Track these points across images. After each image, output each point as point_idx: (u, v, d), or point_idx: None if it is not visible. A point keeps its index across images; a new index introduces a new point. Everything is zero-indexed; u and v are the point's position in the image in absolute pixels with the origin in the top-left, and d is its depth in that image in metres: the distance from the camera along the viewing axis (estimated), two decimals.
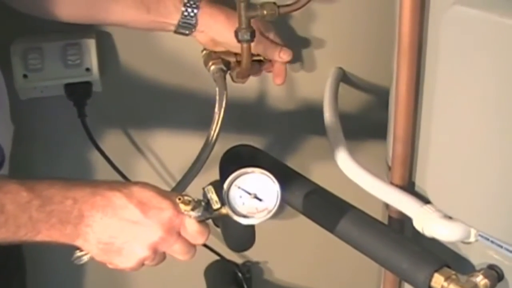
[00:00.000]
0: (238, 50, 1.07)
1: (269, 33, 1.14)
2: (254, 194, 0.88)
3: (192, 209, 0.85)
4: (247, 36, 1.03)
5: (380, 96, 1.33)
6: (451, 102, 0.88)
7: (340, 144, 1.13)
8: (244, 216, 0.88)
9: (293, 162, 1.26)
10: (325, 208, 1.08)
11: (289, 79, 1.33)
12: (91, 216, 0.83)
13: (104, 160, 1.28)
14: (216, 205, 0.88)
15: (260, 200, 0.88)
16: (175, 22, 1.07)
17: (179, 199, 0.85)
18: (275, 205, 0.88)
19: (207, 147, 1.06)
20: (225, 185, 0.88)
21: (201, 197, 0.88)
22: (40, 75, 1.20)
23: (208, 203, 0.88)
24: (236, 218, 0.88)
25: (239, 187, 0.88)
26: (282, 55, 1.14)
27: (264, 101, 1.35)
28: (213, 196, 0.88)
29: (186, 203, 0.85)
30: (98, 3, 1.06)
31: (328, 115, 1.20)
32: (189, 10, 1.07)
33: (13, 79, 1.18)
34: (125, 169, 1.30)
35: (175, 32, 1.09)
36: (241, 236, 1.26)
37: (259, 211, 0.88)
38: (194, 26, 1.08)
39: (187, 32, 1.09)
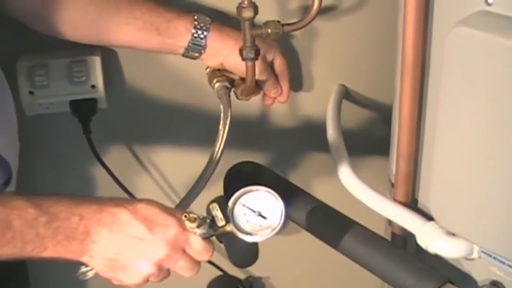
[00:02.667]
0: (244, 74, 1.08)
1: (280, 68, 1.16)
2: (259, 212, 0.89)
3: (198, 226, 0.86)
4: (251, 55, 1.03)
5: (382, 113, 1.34)
6: (454, 121, 0.89)
7: (343, 160, 1.14)
8: (248, 234, 0.89)
9: (296, 179, 1.26)
10: (329, 224, 1.08)
11: (292, 96, 1.33)
12: (97, 233, 0.84)
13: (109, 176, 1.28)
14: (221, 222, 0.88)
15: (264, 218, 0.89)
16: (185, 44, 1.08)
17: (185, 216, 0.85)
18: (279, 223, 0.89)
19: (212, 163, 1.06)
20: (230, 203, 0.89)
21: (204, 213, 0.89)
22: (46, 92, 1.21)
23: (213, 220, 0.88)
24: (240, 235, 0.89)
25: (243, 205, 0.89)
26: (280, 99, 1.18)
27: (267, 118, 1.36)
28: (218, 213, 0.89)
29: (192, 220, 0.86)
30: (109, 24, 1.06)
31: (331, 132, 1.21)
32: (199, 32, 1.07)
33: (19, 96, 1.19)
34: (130, 185, 1.31)
35: (184, 55, 1.09)
36: (245, 252, 1.26)
37: (263, 228, 0.89)
38: (203, 48, 1.08)
39: (196, 54, 1.09)
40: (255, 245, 1.22)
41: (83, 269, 0.88)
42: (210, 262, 1.39)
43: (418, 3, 0.90)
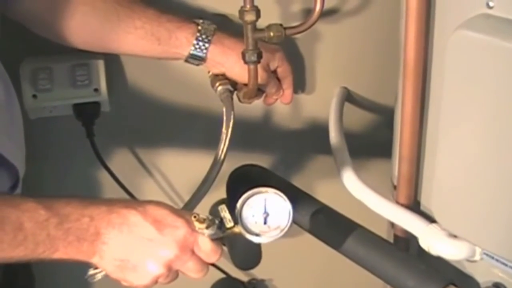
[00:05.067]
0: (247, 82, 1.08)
1: (283, 74, 1.17)
2: (267, 213, 0.90)
3: (207, 227, 0.86)
4: (254, 58, 1.03)
5: (384, 115, 1.34)
6: (456, 123, 0.89)
7: (346, 163, 1.14)
8: (256, 235, 0.89)
9: (299, 181, 1.27)
10: (331, 226, 1.08)
11: (295, 99, 1.33)
12: (107, 234, 0.84)
13: (112, 180, 1.29)
14: (229, 223, 0.89)
15: (272, 219, 0.90)
16: (186, 53, 1.09)
17: (194, 217, 0.86)
18: (287, 224, 0.89)
19: (215, 166, 1.06)
20: (238, 204, 0.89)
21: (208, 215, 0.89)
22: (49, 95, 1.21)
23: (221, 221, 0.89)
24: (248, 236, 0.89)
25: (251, 206, 0.89)
26: (283, 100, 1.19)
27: (270, 120, 1.36)
28: (226, 215, 0.89)
29: (201, 221, 0.86)
30: (110, 33, 1.07)
31: (333, 135, 1.21)
32: (201, 43, 1.08)
33: (23, 99, 1.19)
34: (133, 189, 1.31)
35: (185, 61, 1.10)
36: (248, 254, 1.26)
37: (271, 230, 0.89)
38: (203, 59, 1.09)
39: (196, 63, 1.10)
40: (258, 247, 1.22)
41: (92, 271, 0.88)
42: (213, 264, 1.39)
43: (419, 6, 0.91)
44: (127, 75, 1.27)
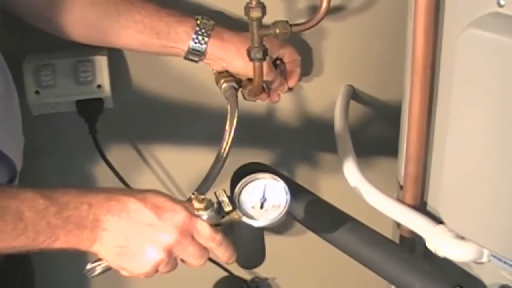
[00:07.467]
0: (250, 76, 1.08)
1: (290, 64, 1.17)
2: (265, 198, 0.90)
3: (205, 208, 0.87)
4: (259, 55, 1.02)
5: (390, 114, 1.33)
6: (465, 123, 0.89)
7: (351, 161, 1.13)
8: (255, 219, 0.90)
9: (303, 179, 1.26)
10: (336, 226, 1.08)
11: (300, 96, 1.33)
12: (106, 220, 0.84)
13: (115, 176, 1.28)
14: (227, 207, 0.89)
15: (270, 203, 0.91)
16: (185, 48, 1.08)
17: (193, 194, 0.87)
18: (284, 208, 0.90)
19: (218, 164, 1.06)
20: (236, 189, 0.90)
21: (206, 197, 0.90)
22: (52, 92, 1.20)
23: (220, 205, 0.89)
24: (246, 220, 0.89)
25: (249, 192, 0.90)
26: (290, 83, 1.18)
27: (274, 118, 1.36)
28: (224, 199, 0.90)
29: (200, 200, 0.87)
30: (109, 27, 1.07)
31: (338, 133, 1.20)
32: (200, 38, 1.08)
33: (25, 95, 1.19)
34: (135, 185, 1.30)
35: (185, 58, 1.10)
36: (251, 253, 1.26)
37: (269, 213, 0.90)
38: (203, 54, 1.09)
39: (196, 59, 1.10)
40: (261, 245, 1.21)
41: (90, 265, 0.88)
42: (216, 263, 1.39)
43: (428, 4, 0.90)
44: (130, 72, 1.27)
